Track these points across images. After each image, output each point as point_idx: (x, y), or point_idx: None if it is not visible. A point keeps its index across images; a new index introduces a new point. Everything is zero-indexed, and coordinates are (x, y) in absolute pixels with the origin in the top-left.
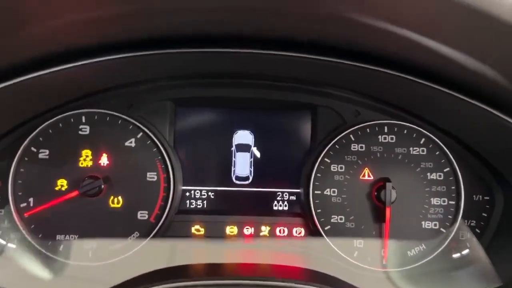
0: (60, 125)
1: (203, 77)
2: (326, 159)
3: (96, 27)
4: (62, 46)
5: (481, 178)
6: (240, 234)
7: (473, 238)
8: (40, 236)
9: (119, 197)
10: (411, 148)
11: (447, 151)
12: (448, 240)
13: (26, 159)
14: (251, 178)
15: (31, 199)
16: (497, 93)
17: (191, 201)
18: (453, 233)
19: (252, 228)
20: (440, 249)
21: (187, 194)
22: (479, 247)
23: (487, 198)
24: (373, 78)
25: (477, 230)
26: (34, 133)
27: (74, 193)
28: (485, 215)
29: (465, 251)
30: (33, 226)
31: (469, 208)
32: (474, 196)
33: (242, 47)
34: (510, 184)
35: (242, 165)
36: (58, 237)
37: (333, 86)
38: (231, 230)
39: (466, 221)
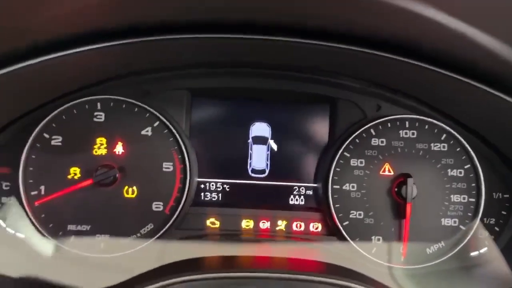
0: (75, 111)
1: (220, 67)
2: (345, 153)
3: (113, 10)
4: (78, 29)
5: (501, 175)
6: (256, 228)
7: (492, 236)
8: (50, 226)
9: (134, 187)
10: (432, 144)
11: (468, 147)
12: (468, 238)
13: (38, 145)
14: (267, 172)
15: (42, 187)
16: None
17: (206, 193)
18: (472, 231)
19: (268, 222)
20: (459, 247)
21: (202, 186)
22: (497, 246)
23: (507, 196)
24: (395, 69)
25: (496, 228)
26: (47, 119)
27: (88, 182)
28: (505, 213)
29: (483, 250)
30: (43, 215)
31: (489, 206)
32: (494, 194)
33: (261, 34)
34: None
35: (259, 158)
36: (69, 227)
37: (353, 78)
38: (247, 224)
39: (485, 219)
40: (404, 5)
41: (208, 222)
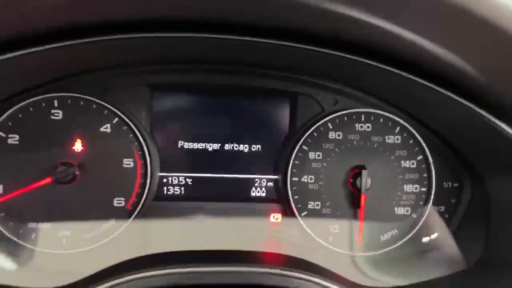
0: (31, 109)
1: (181, 62)
2: (304, 147)
3: (70, 8)
4: (34, 28)
5: (450, 166)
6: (218, 220)
7: (442, 223)
8: (10, 224)
9: (94, 184)
10: (386, 137)
11: (420, 139)
12: (419, 225)
13: None
14: None
15: (0, 186)
16: (471, 86)
17: (169, 187)
18: (423, 219)
19: (230, 215)
20: (411, 234)
21: (164, 180)
22: (447, 232)
23: (456, 185)
24: (352, 67)
25: (446, 216)
26: (3, 117)
27: (46, 180)
28: (454, 201)
29: (434, 236)
30: (3, 214)
31: (439, 194)
32: (444, 183)
33: (221, 33)
34: (477, 172)
35: None
36: (30, 225)
37: (312, 74)
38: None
39: (436, 207)
40: (351, 13)
41: (171, 216)
